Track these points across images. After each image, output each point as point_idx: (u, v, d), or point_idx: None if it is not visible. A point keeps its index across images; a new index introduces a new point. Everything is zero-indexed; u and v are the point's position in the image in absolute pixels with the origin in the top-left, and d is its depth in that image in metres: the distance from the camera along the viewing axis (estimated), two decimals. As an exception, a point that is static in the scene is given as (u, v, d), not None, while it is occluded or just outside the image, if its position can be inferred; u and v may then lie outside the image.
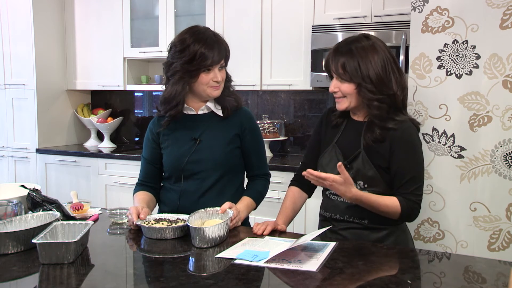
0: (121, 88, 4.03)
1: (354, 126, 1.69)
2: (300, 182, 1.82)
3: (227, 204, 1.62)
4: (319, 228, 1.74)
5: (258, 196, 1.85)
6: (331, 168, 1.67)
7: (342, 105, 1.65)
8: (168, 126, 1.81)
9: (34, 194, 1.74)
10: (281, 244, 1.43)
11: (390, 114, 1.60)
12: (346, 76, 1.59)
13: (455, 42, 2.09)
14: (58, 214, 1.57)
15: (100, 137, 4.32)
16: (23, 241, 1.39)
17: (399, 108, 1.63)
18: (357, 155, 1.62)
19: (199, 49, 1.66)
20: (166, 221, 1.61)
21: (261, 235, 1.59)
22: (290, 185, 1.85)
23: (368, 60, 1.57)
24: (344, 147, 1.67)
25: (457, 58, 2.10)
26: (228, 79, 1.81)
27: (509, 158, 2.03)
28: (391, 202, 1.55)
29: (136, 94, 4.38)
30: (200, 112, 1.81)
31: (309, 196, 1.86)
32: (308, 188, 1.83)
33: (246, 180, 1.91)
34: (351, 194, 1.50)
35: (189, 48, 1.67)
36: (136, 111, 4.41)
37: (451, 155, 2.12)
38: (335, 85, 1.64)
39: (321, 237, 1.53)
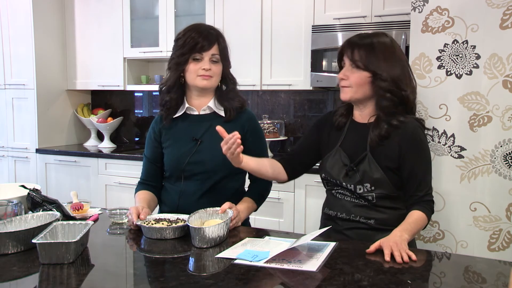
0: (121, 88, 4.03)
1: (358, 129, 1.68)
2: (285, 162, 1.80)
3: (227, 204, 1.61)
4: (320, 227, 1.74)
5: (259, 198, 1.84)
6: (336, 172, 1.67)
7: (346, 94, 1.63)
8: (170, 125, 1.81)
9: (34, 194, 1.74)
10: (281, 244, 1.43)
11: (397, 111, 1.61)
12: (362, 63, 1.58)
13: (455, 42, 2.09)
14: (58, 214, 1.57)
15: (100, 137, 4.32)
16: (23, 241, 1.39)
17: (407, 108, 1.63)
18: (363, 158, 1.61)
19: (190, 34, 1.73)
20: (166, 221, 1.61)
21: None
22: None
23: (387, 57, 1.59)
24: (349, 150, 1.66)
25: (457, 58, 2.10)
26: (232, 81, 1.83)
27: (509, 158, 2.03)
28: (421, 219, 1.54)
29: (136, 94, 4.38)
30: (202, 112, 1.81)
31: (287, 179, 1.81)
32: (289, 169, 1.80)
33: (247, 182, 1.91)
34: (403, 237, 1.43)
35: (184, 36, 1.74)
36: (136, 111, 4.41)
37: (451, 155, 2.12)
38: (345, 73, 1.62)
39: (324, 237, 1.53)
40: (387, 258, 1.32)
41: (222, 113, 1.81)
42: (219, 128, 1.56)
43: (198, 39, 1.71)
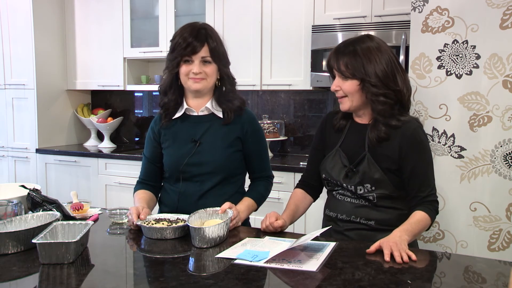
0: (121, 88, 4.03)
1: (358, 129, 1.67)
2: (305, 185, 1.82)
3: (227, 204, 1.61)
4: (322, 228, 1.74)
5: (259, 198, 1.84)
6: (336, 173, 1.66)
7: (344, 105, 1.63)
8: (168, 125, 1.81)
9: (34, 194, 1.74)
10: (281, 244, 1.43)
11: (395, 112, 1.59)
12: (349, 72, 1.58)
13: (455, 42, 2.09)
14: (58, 214, 1.57)
15: (100, 137, 4.32)
16: (23, 241, 1.39)
17: (404, 106, 1.62)
18: (362, 158, 1.61)
19: (181, 36, 1.71)
20: (166, 221, 1.61)
21: (266, 233, 1.59)
22: (295, 187, 1.85)
23: (372, 59, 1.56)
24: (348, 150, 1.66)
25: (457, 58, 2.10)
26: (231, 81, 1.80)
27: (509, 158, 2.03)
28: (423, 219, 1.54)
29: (136, 94, 4.38)
30: (200, 113, 1.81)
31: (314, 200, 1.85)
32: (313, 191, 1.82)
33: (247, 182, 1.91)
34: (403, 237, 1.43)
35: (175, 38, 1.73)
36: (136, 111, 4.41)
37: (451, 155, 2.13)
38: (337, 84, 1.62)
39: (324, 237, 1.53)
40: (386, 258, 1.33)
41: (220, 114, 1.80)
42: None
43: (187, 40, 1.68)
